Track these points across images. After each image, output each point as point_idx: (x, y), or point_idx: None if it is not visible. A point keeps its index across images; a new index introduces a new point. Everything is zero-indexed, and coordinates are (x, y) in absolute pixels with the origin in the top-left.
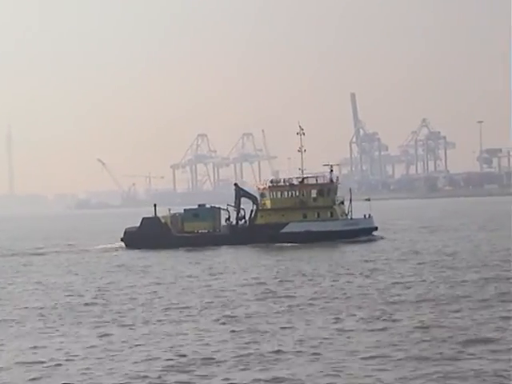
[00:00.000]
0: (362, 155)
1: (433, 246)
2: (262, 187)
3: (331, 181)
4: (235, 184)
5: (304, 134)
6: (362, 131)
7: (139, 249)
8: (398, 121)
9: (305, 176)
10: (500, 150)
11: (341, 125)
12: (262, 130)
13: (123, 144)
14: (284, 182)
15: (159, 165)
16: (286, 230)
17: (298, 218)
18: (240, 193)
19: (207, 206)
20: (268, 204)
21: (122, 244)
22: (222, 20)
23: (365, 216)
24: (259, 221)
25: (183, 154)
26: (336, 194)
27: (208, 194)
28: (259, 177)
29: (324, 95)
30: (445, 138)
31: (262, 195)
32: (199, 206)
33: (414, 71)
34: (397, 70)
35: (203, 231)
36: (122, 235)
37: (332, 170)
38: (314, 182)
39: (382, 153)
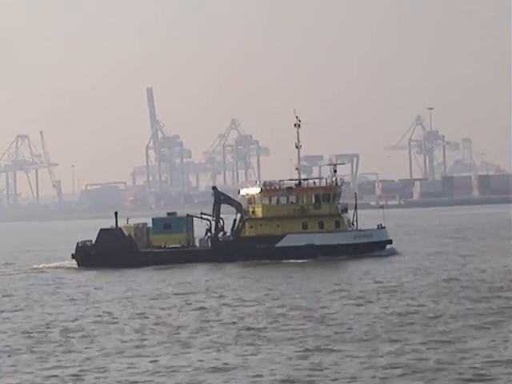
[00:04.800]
0: (161, 163)
1: None
2: (250, 192)
3: (335, 184)
4: (213, 187)
5: (300, 125)
6: (160, 134)
7: (95, 268)
8: (203, 122)
9: (303, 178)
10: (321, 158)
11: (135, 126)
12: (41, 132)
13: None
14: (279, 184)
15: None
16: (282, 243)
17: (297, 229)
18: (220, 198)
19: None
20: (259, 212)
21: (74, 262)
22: None
23: (378, 226)
24: (248, 232)
25: None
26: (339, 199)
27: None
28: (36, 187)
29: (116, 89)
30: (257, 142)
31: (250, 201)
32: (168, 214)
33: (225, 65)
34: (202, 63)
35: (175, 245)
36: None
37: (336, 171)
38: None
39: (185, 160)
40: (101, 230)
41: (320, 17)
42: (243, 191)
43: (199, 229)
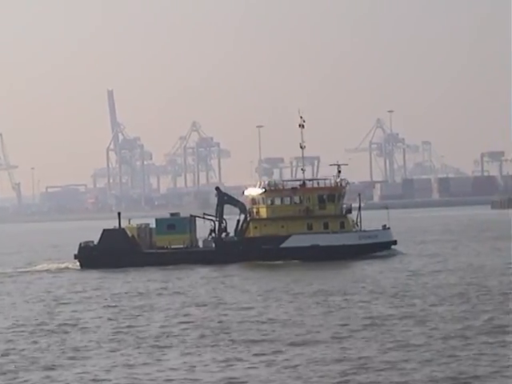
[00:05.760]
0: (122, 165)
1: None
2: (254, 192)
3: (340, 184)
4: (217, 188)
5: (304, 126)
6: (121, 136)
7: (98, 269)
8: (164, 124)
9: (307, 179)
10: (282, 160)
11: (96, 128)
12: (0, 134)
13: None
14: (283, 185)
15: None
16: (287, 244)
17: (302, 230)
18: (223, 199)
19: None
20: (263, 212)
21: (76, 263)
22: None
23: (383, 227)
24: (252, 233)
25: None
26: (344, 200)
27: None
28: None
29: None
30: (218, 145)
31: (254, 202)
32: (172, 214)
33: (185, 68)
34: (162, 65)
35: (178, 246)
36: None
37: (340, 171)
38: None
39: (146, 162)
40: (104, 230)
41: (284, 22)
42: (247, 192)
43: (200, 229)
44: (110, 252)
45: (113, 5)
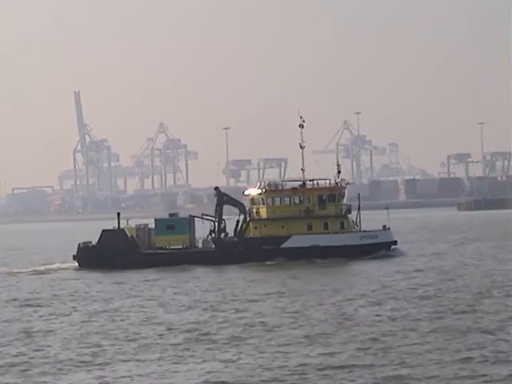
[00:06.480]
0: (89, 166)
1: None
2: (254, 192)
3: (340, 185)
4: (216, 188)
5: (303, 126)
6: (88, 138)
7: (96, 269)
8: (131, 126)
9: (308, 179)
10: (249, 162)
11: (62, 129)
12: None
13: None
14: (282, 185)
15: None
16: (287, 244)
17: (303, 230)
18: (223, 199)
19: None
20: (263, 213)
21: (75, 263)
22: None
23: (384, 227)
24: (252, 233)
25: None
26: (344, 200)
27: None
28: None
29: (43, 93)
30: (186, 146)
31: (254, 202)
32: (171, 215)
33: (153, 69)
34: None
35: (177, 247)
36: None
37: (340, 171)
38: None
39: (113, 164)
40: (103, 230)
41: (250, 24)
42: (247, 192)
43: (198, 230)
44: (109, 253)
45: (78, 5)
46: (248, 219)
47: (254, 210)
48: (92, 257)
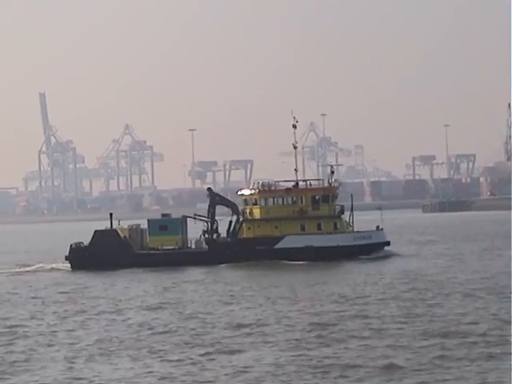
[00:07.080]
0: (54, 168)
1: None
2: (247, 192)
3: (333, 185)
4: (208, 188)
5: (296, 127)
6: (53, 139)
7: (89, 270)
8: (96, 127)
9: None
10: (215, 163)
11: (27, 131)
12: None
13: None
14: (275, 186)
15: None
16: (281, 245)
17: (296, 231)
18: (215, 199)
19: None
20: (257, 213)
21: (67, 264)
22: None
23: (377, 228)
24: (245, 234)
25: None
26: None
27: None
28: None
29: (8, 94)
30: (151, 148)
31: (247, 202)
32: (163, 215)
33: (119, 70)
34: (95, 67)
35: (170, 247)
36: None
37: (333, 172)
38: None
39: (78, 165)
40: (95, 231)
41: (221, 26)
42: (240, 192)
43: (191, 230)
44: (102, 253)
45: (45, 6)
46: (241, 220)
47: (248, 211)
48: (84, 257)
